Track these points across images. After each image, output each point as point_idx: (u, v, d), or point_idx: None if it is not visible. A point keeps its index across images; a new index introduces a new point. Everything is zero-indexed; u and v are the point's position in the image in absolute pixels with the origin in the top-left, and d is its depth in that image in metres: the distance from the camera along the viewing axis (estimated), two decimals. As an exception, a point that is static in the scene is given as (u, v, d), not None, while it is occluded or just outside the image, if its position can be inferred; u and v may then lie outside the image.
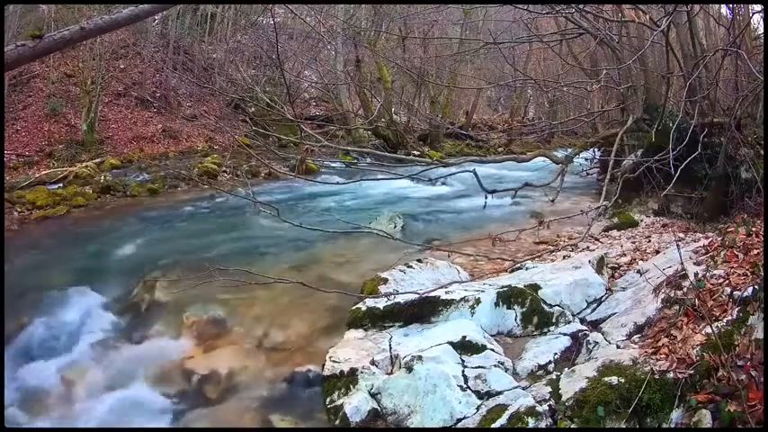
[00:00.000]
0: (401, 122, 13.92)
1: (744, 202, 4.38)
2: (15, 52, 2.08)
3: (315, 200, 7.39)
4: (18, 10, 9.74)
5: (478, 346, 2.90)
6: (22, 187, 7.27)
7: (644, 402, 2.19)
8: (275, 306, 3.75)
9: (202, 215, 6.72)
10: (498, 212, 6.05)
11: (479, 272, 4.23)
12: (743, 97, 4.56)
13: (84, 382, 3.22)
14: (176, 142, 10.88)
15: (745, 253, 2.81)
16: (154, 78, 12.24)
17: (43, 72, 10.72)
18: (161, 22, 13.26)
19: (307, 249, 4.90)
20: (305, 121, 7.98)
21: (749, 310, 2.32)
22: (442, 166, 4.07)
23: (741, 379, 2.03)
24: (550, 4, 5.03)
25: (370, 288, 3.73)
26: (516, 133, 13.64)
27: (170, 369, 3.27)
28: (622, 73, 6.05)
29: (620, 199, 5.19)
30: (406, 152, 10.36)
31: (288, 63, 12.94)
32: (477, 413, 2.48)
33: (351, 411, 2.64)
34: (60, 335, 3.68)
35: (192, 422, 2.90)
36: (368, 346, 3.09)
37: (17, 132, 9.32)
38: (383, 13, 13.17)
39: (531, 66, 14.07)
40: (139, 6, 2.37)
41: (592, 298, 3.38)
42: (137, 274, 4.38)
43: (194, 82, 12.19)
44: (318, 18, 12.07)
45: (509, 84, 11.06)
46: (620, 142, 4.85)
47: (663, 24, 3.17)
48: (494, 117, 19.40)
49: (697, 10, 5.51)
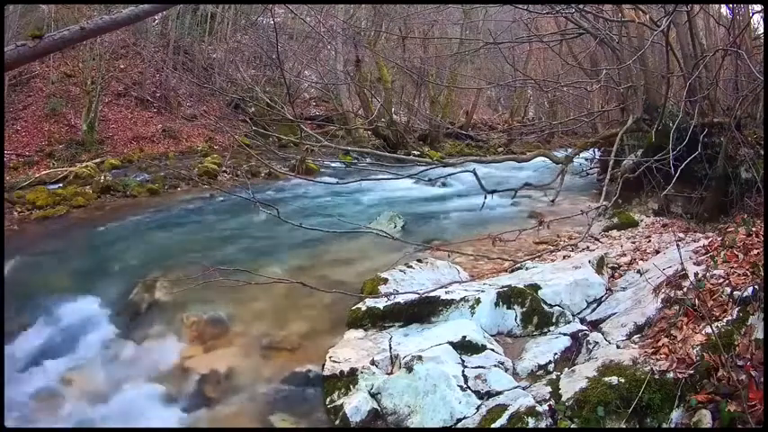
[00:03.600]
0: (401, 122, 13.92)
1: (744, 202, 4.38)
2: (15, 52, 2.08)
3: (315, 200, 7.39)
4: (18, 10, 9.73)
5: (478, 346, 2.91)
6: (22, 187, 7.26)
7: (644, 402, 2.19)
8: (275, 306, 3.75)
9: (202, 215, 6.71)
10: (498, 212, 6.05)
11: (479, 272, 4.23)
12: (743, 97, 4.56)
13: (84, 382, 3.23)
14: (176, 142, 10.87)
15: (745, 253, 2.81)
16: (154, 78, 12.24)
17: (43, 72, 10.72)
18: (161, 22, 13.25)
19: (307, 249, 4.90)
20: (305, 121, 7.97)
21: (749, 310, 2.32)
22: (442, 166, 4.07)
23: (741, 379, 2.04)
24: (550, 4, 5.03)
25: (370, 288, 3.74)
26: (516, 133, 13.64)
27: (170, 369, 3.27)
28: (622, 73, 6.04)
29: (620, 199, 5.19)
30: (406, 152, 10.33)
31: (288, 63, 12.94)
32: (477, 413, 2.48)
33: (351, 411, 2.64)
34: (60, 335, 3.68)
35: (192, 422, 2.90)
36: (368, 346, 3.09)
37: (17, 132, 9.32)
38: (383, 13, 13.16)
39: (531, 66, 14.08)
40: (139, 6, 2.36)
41: (592, 298, 3.38)
42: (137, 274, 4.38)
43: (194, 82, 12.19)
44: (318, 18, 12.06)
45: (509, 84, 11.06)
46: (620, 142, 4.85)
47: (663, 24, 3.16)
48: (494, 117, 19.40)
49: (697, 10, 5.52)
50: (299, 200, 7.40)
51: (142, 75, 12.08)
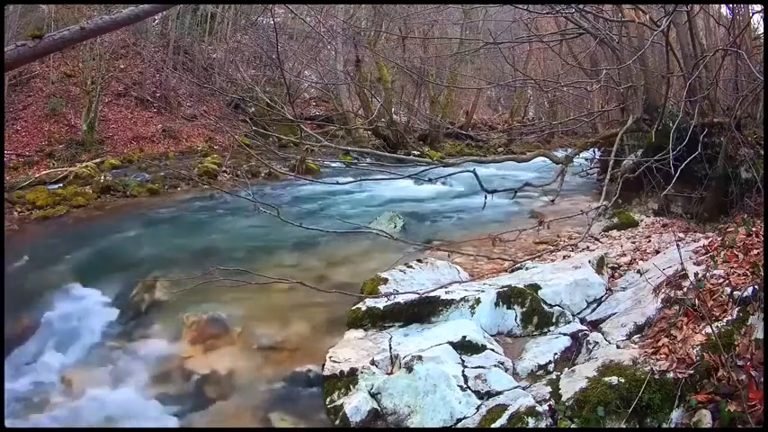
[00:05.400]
0: (401, 122, 13.92)
1: (744, 202, 4.38)
2: (15, 52, 2.07)
3: (315, 200, 7.38)
4: (18, 10, 9.74)
5: (478, 346, 2.90)
6: (22, 187, 7.27)
7: (644, 402, 2.19)
8: (275, 306, 3.75)
9: (202, 215, 6.71)
10: (498, 212, 6.05)
11: (479, 272, 4.23)
12: (743, 97, 4.56)
13: (85, 381, 3.22)
14: (176, 142, 10.88)
15: (745, 253, 2.81)
16: (154, 78, 12.25)
17: (43, 72, 10.72)
18: (161, 22, 13.26)
19: (307, 249, 4.90)
20: (305, 121, 7.96)
21: (749, 310, 2.32)
22: (442, 166, 4.07)
23: (741, 379, 2.04)
24: (550, 4, 5.03)
25: (370, 288, 3.73)
26: (516, 133, 13.65)
27: (170, 369, 3.26)
28: (622, 73, 6.04)
29: (620, 199, 5.19)
30: (406, 152, 10.33)
31: (288, 63, 12.94)
32: (477, 413, 2.48)
33: (351, 411, 2.64)
34: (60, 335, 3.68)
35: (192, 422, 2.90)
36: (368, 346, 3.09)
37: (17, 132, 9.32)
38: (383, 13, 13.17)
39: (531, 66, 14.09)
40: (139, 6, 2.36)
41: (592, 298, 3.38)
42: (137, 274, 4.38)
43: (194, 82, 12.20)
44: (318, 18, 12.06)
45: (509, 84, 11.07)
46: (620, 142, 4.85)
47: (663, 24, 3.16)
48: (494, 117, 19.41)
49: (697, 10, 5.52)
50: (298, 200, 7.40)
51: (142, 75, 12.09)
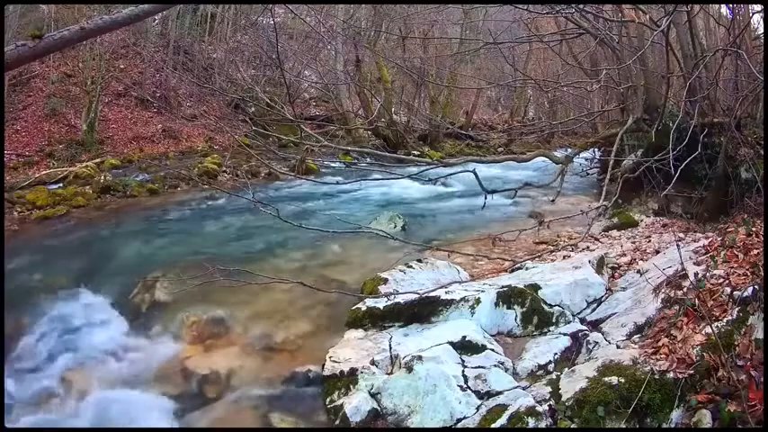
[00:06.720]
0: (401, 122, 13.92)
1: (744, 202, 4.39)
2: (15, 52, 2.08)
3: (315, 200, 7.38)
4: (18, 10, 9.73)
5: (478, 346, 2.91)
6: (22, 187, 7.26)
7: (644, 402, 2.19)
8: (275, 306, 3.75)
9: (202, 215, 6.71)
10: (498, 212, 6.06)
11: (479, 272, 4.23)
12: (743, 97, 4.56)
13: (85, 381, 3.22)
14: (176, 142, 10.87)
15: (745, 253, 2.81)
16: (154, 78, 12.24)
17: (43, 72, 10.71)
18: (161, 22, 13.25)
19: (307, 249, 4.90)
20: (305, 121, 7.96)
21: (749, 310, 2.32)
22: (442, 166, 4.07)
23: (741, 379, 2.04)
24: (550, 4, 5.03)
25: (370, 288, 3.74)
26: (516, 133, 13.63)
27: (170, 369, 3.26)
28: (622, 73, 6.05)
29: (620, 199, 5.19)
30: (405, 152, 10.35)
31: (288, 63, 12.94)
32: (477, 413, 2.48)
33: (351, 411, 2.64)
34: (60, 335, 3.67)
35: (192, 422, 2.90)
36: (368, 346, 3.09)
37: (17, 132, 9.31)
38: (383, 13, 13.17)
39: (531, 66, 14.09)
40: (139, 6, 2.36)
41: (592, 298, 3.38)
42: (137, 274, 4.38)
43: (194, 82, 12.20)
44: (318, 18, 12.06)
45: (509, 84, 11.09)
46: (620, 142, 4.85)
47: (663, 24, 3.16)
48: (494, 117, 19.40)
49: (697, 10, 5.52)
50: (298, 200, 7.39)
51: (142, 75, 12.08)
